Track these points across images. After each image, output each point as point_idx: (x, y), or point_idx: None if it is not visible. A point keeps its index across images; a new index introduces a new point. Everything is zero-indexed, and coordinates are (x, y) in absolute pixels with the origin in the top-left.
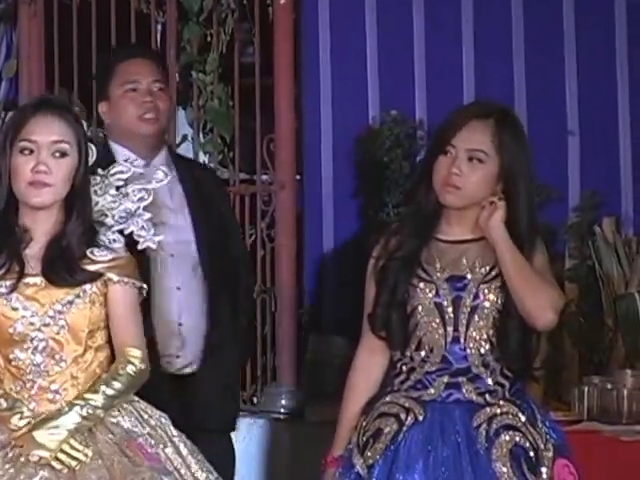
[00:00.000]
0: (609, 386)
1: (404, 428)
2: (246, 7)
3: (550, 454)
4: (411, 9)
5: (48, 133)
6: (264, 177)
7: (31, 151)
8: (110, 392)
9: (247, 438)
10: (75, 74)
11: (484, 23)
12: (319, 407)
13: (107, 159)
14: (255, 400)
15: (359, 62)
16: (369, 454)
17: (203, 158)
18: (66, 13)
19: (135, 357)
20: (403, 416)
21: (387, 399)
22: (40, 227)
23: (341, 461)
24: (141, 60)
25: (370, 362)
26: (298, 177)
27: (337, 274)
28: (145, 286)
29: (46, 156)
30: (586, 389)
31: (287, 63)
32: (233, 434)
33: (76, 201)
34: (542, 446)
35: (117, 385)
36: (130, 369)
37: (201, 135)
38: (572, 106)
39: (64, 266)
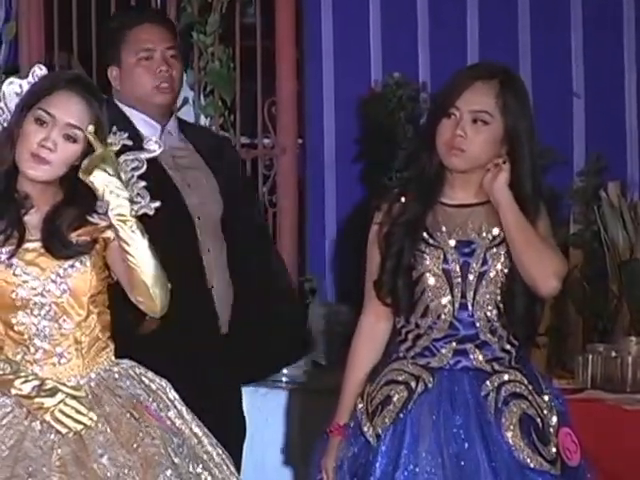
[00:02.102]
0: (613, 354)
1: (414, 396)
2: None
3: (554, 423)
4: None
5: (67, 113)
6: (265, 141)
7: (46, 124)
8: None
9: (249, 406)
10: (75, 37)
11: None
12: (322, 375)
13: (123, 122)
14: None
15: (362, 24)
16: (378, 422)
17: (204, 121)
18: None
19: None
20: (413, 384)
21: (394, 366)
22: (39, 196)
23: (347, 429)
24: (154, 26)
25: (375, 328)
26: (300, 141)
27: (340, 239)
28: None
29: (57, 135)
30: (590, 357)
31: (289, 25)
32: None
33: (76, 182)
34: (547, 414)
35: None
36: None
37: (202, 98)
38: (577, 68)
39: (61, 240)
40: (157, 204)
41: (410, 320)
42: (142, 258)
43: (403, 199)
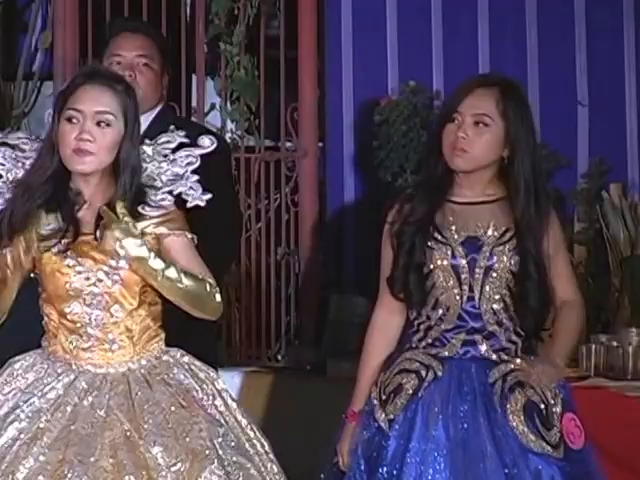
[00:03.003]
0: (615, 344)
1: (424, 384)
2: None
3: (559, 409)
4: None
5: (93, 103)
6: (288, 144)
7: (77, 120)
8: (184, 276)
9: (271, 393)
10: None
11: (499, 1)
12: (340, 363)
13: None
14: (279, 357)
15: (379, 35)
16: (390, 409)
17: (230, 125)
18: None
19: (214, 284)
20: (423, 372)
21: (407, 355)
22: (91, 190)
23: (361, 416)
24: (128, 34)
25: (388, 322)
26: (320, 144)
27: (357, 237)
28: (195, 237)
29: (90, 125)
30: (593, 347)
31: (310, 36)
32: (262, 390)
33: (124, 168)
34: (552, 401)
35: (191, 279)
36: (208, 285)
37: (228, 104)
38: (581, 78)
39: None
40: (208, 196)
41: (422, 313)
42: (170, 295)
43: (412, 200)
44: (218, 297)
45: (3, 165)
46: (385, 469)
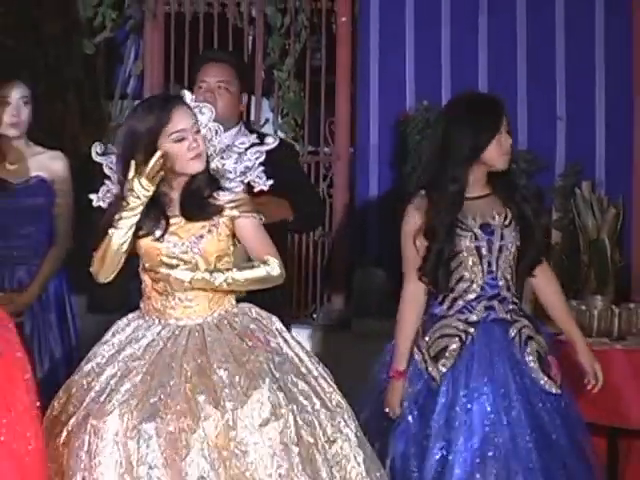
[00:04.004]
0: (583, 307)
1: (465, 345)
2: (315, 24)
3: (549, 356)
4: (440, 29)
5: (189, 121)
6: (325, 150)
7: (184, 137)
8: (231, 275)
9: (308, 345)
10: (186, 73)
11: (495, 32)
12: (362, 321)
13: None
14: (314, 316)
15: (399, 65)
16: (439, 366)
17: (281, 135)
18: (180, 26)
19: (273, 261)
20: (463, 336)
21: (443, 322)
22: (175, 188)
23: (407, 373)
24: (212, 64)
25: (417, 296)
26: (351, 150)
27: (378, 223)
28: (263, 218)
29: (194, 136)
30: None
31: (345, 66)
32: (302, 341)
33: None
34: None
35: (247, 273)
36: (262, 269)
37: (279, 118)
38: (560, 97)
39: (195, 204)
40: (270, 182)
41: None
42: (235, 290)
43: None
44: (276, 270)
45: (111, 169)
46: (436, 416)
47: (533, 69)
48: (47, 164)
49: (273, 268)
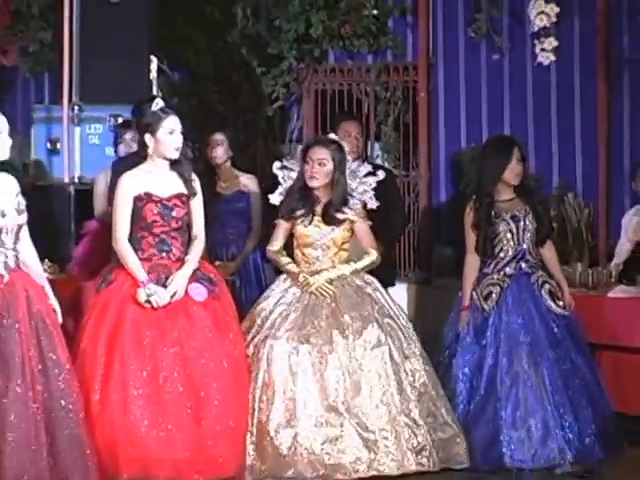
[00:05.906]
0: (570, 270)
1: (504, 290)
2: (406, 96)
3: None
4: (480, 99)
5: (315, 154)
6: (413, 173)
7: (308, 164)
8: (353, 267)
9: (402, 296)
10: (327, 125)
11: (515, 99)
12: (439, 280)
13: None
14: (409, 276)
15: (457, 121)
16: (489, 302)
17: (387, 165)
18: (324, 97)
19: (372, 253)
20: (502, 284)
21: (490, 276)
22: (321, 195)
23: (470, 308)
24: (349, 121)
25: (474, 261)
26: (429, 173)
27: (447, 218)
28: (370, 223)
29: (314, 166)
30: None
31: (424, 122)
32: (393, 293)
33: (337, 185)
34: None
35: (359, 264)
36: (367, 259)
37: (385, 154)
38: (554, 139)
39: (331, 215)
40: (377, 203)
41: (491, 255)
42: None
43: (478, 203)
44: (371, 259)
45: (284, 179)
46: (488, 335)
47: (538, 121)
48: (245, 183)
49: (372, 257)
